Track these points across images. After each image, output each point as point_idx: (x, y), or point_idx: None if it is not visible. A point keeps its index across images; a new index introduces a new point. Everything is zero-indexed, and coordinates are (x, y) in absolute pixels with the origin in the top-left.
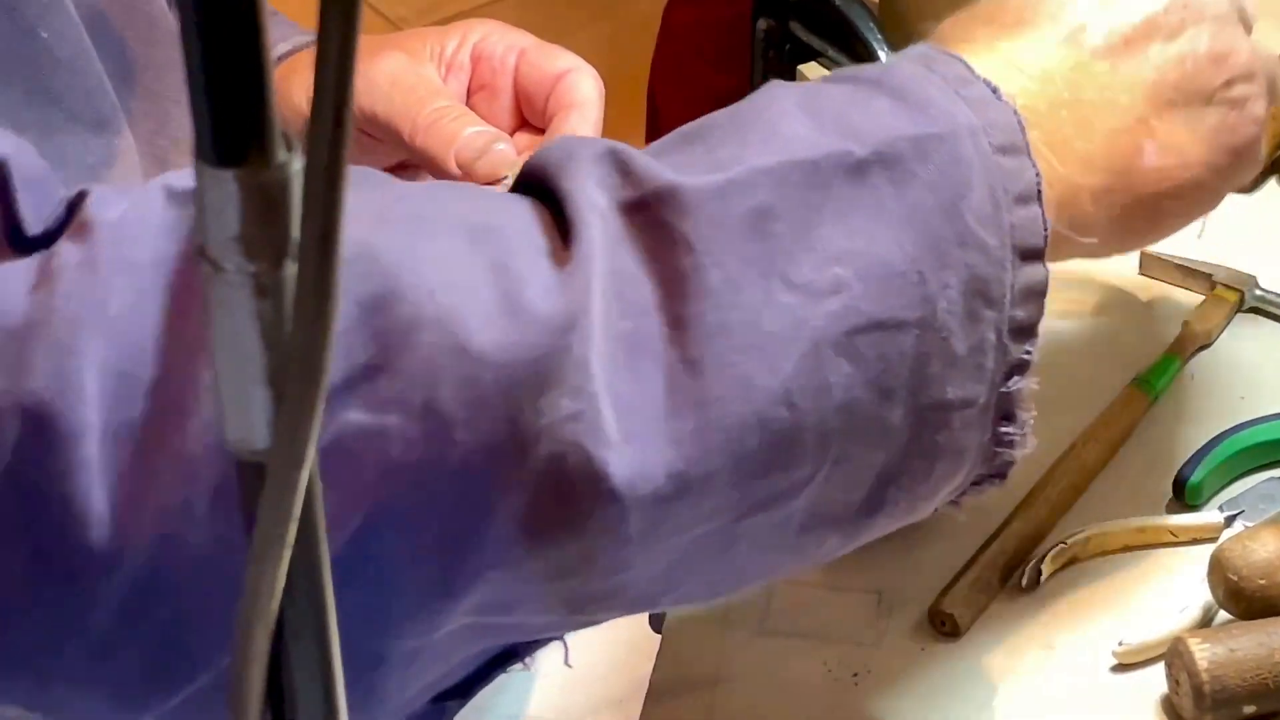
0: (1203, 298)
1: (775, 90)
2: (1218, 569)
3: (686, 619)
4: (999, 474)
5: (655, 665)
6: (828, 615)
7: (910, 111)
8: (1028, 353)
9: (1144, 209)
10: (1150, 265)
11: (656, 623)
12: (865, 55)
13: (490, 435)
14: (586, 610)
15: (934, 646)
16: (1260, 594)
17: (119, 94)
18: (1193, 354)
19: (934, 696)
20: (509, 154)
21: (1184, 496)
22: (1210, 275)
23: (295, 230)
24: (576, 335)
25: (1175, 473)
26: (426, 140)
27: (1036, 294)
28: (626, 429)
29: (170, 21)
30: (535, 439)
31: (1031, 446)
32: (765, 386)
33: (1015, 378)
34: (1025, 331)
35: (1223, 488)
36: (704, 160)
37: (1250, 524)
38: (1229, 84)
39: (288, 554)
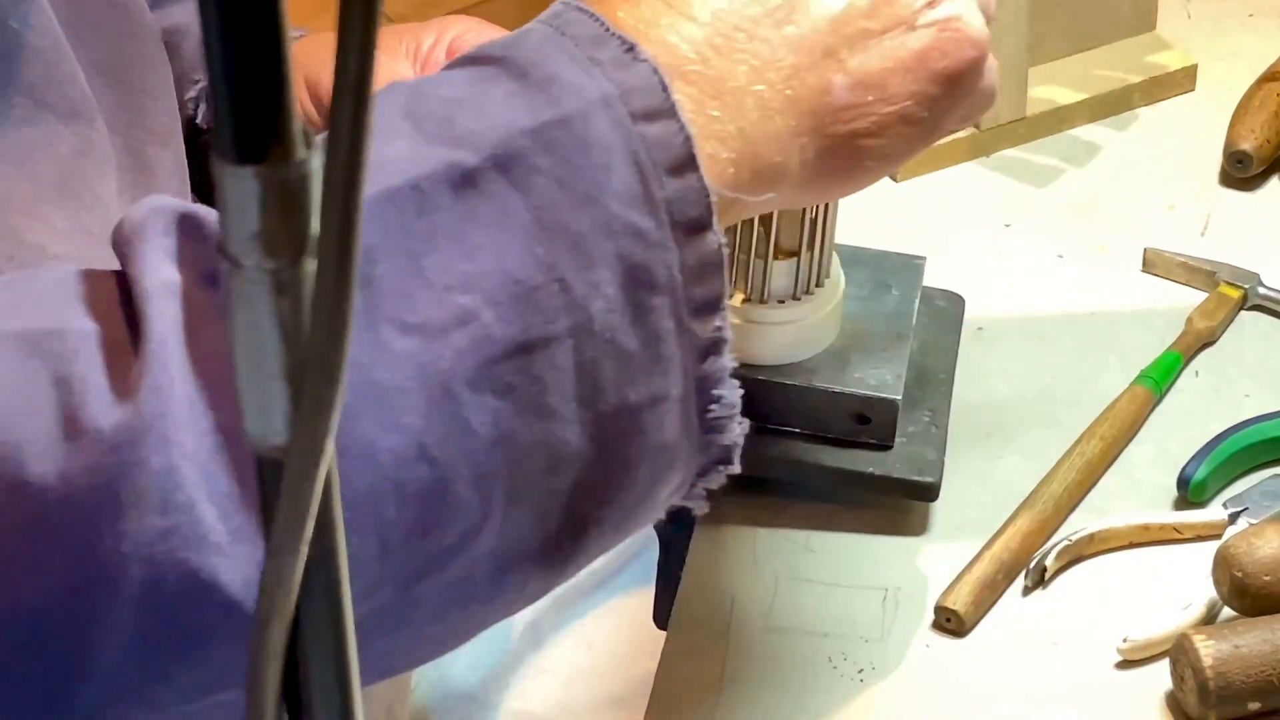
0: (1206, 295)
1: (386, 95)
2: (1222, 566)
3: (691, 616)
4: (723, 460)
5: (660, 662)
6: (833, 611)
7: (531, 94)
8: (718, 329)
9: (841, 149)
10: (1154, 263)
11: (661, 619)
12: None
13: (67, 573)
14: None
15: (939, 643)
16: (1265, 590)
17: (93, 86)
18: (1196, 351)
19: (939, 692)
20: None
21: (1188, 494)
22: (1214, 273)
23: (314, 227)
24: (151, 445)
25: (1179, 470)
26: None
27: (712, 266)
28: (234, 528)
29: (149, 16)
30: (123, 566)
31: (745, 427)
32: (392, 447)
33: (711, 358)
34: (708, 308)
35: (1227, 485)
36: None
37: (1254, 521)
38: (932, 4)
39: (305, 549)
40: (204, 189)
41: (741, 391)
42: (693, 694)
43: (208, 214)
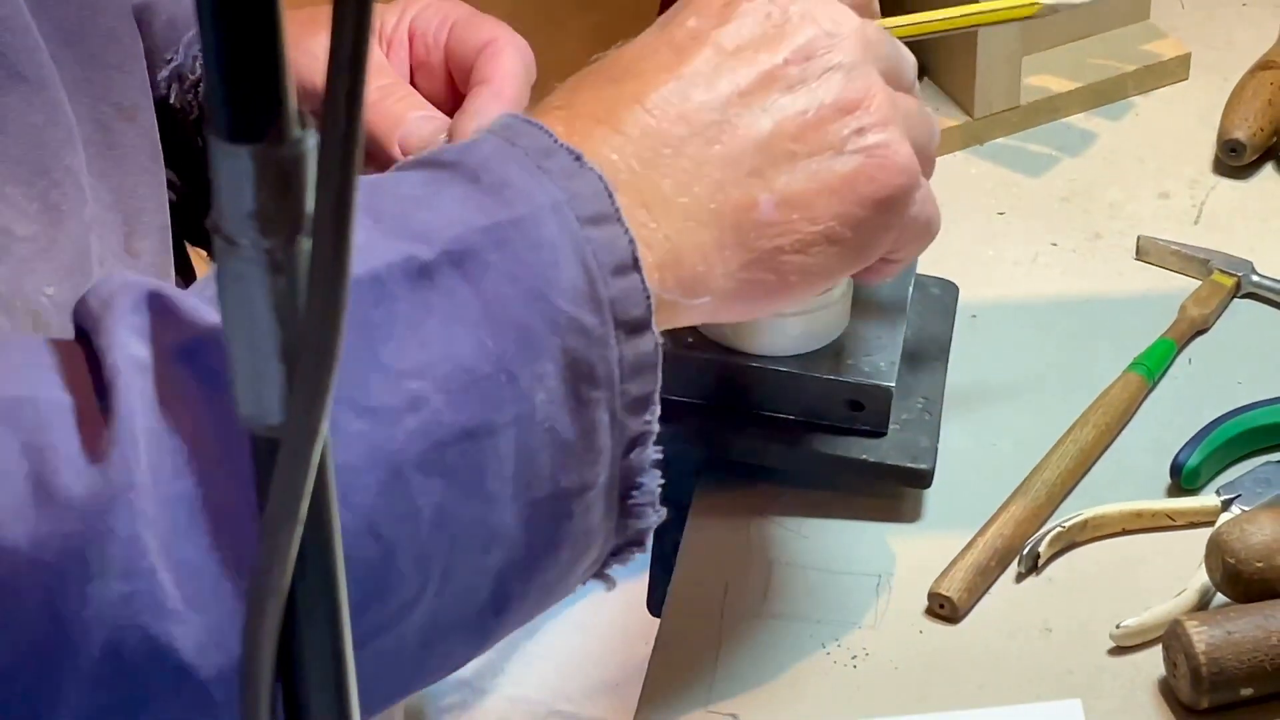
0: (1199, 283)
1: None
2: (1215, 552)
3: (685, 602)
4: (636, 542)
5: (654, 648)
6: (827, 598)
7: (484, 197)
8: (647, 423)
9: (765, 264)
10: (1147, 250)
11: (655, 606)
12: None
13: (33, 634)
14: None
15: (932, 629)
16: (1258, 577)
17: (56, 58)
18: (1190, 339)
19: (933, 678)
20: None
21: (1181, 480)
22: (1207, 260)
23: (310, 206)
24: (119, 514)
25: (1173, 457)
26: (370, 119)
27: (648, 366)
28: (192, 596)
29: None
30: (84, 630)
31: (662, 514)
32: (344, 524)
33: (637, 449)
34: (641, 403)
35: (1220, 471)
36: None
37: (1247, 507)
38: (861, 132)
39: (300, 530)
40: (179, 167)
41: (662, 480)
42: (687, 680)
43: (177, 294)
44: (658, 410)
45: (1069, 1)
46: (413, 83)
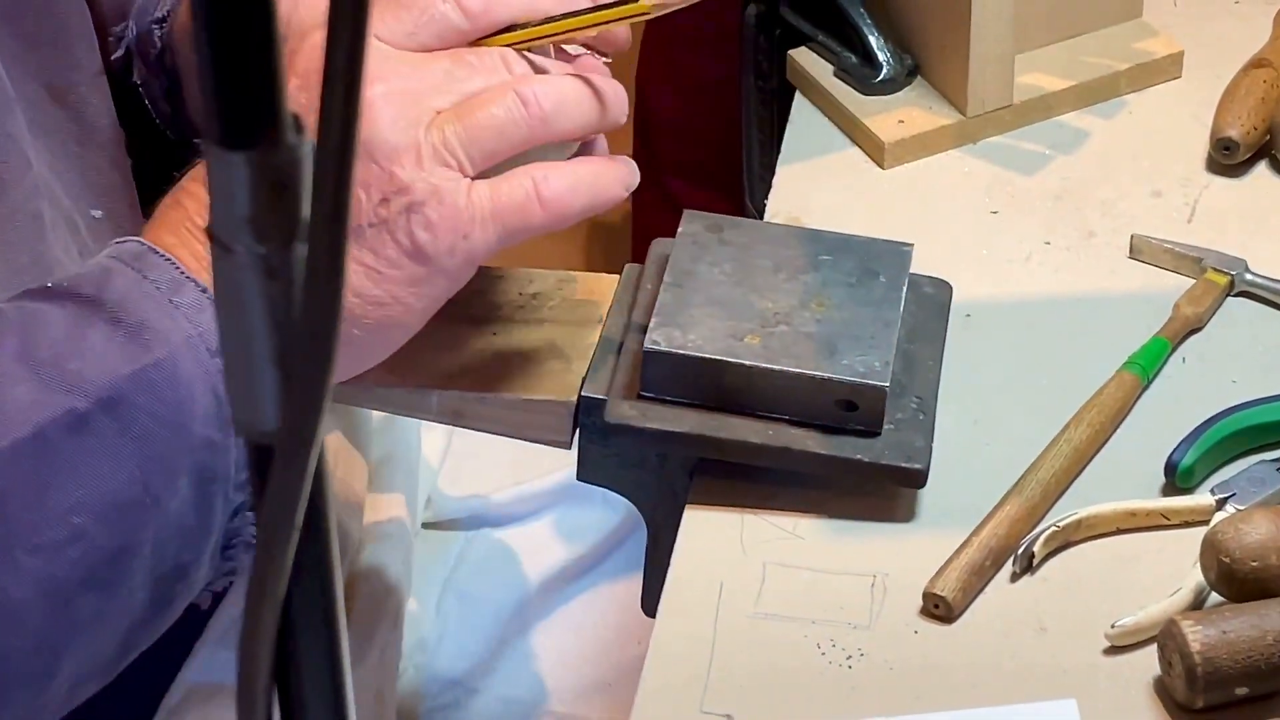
0: (1193, 281)
1: None
2: (1210, 551)
3: (679, 603)
4: (231, 573)
5: (649, 649)
6: (822, 598)
7: (126, 342)
8: (249, 493)
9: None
10: (1141, 249)
11: (649, 607)
12: (856, 39)
13: None
14: None
15: (927, 629)
16: (1252, 576)
17: None
18: (1184, 337)
19: (927, 679)
20: None
21: (1176, 479)
22: (1200, 259)
23: (305, 212)
24: None
25: (1167, 456)
26: None
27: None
28: None
29: None
30: None
31: (251, 553)
32: (20, 647)
33: (239, 514)
34: (247, 481)
35: (1214, 470)
36: None
37: (1242, 507)
38: (384, 203)
39: (296, 535)
40: (137, 139)
41: (249, 534)
42: (681, 681)
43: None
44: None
45: (677, 4)
46: None
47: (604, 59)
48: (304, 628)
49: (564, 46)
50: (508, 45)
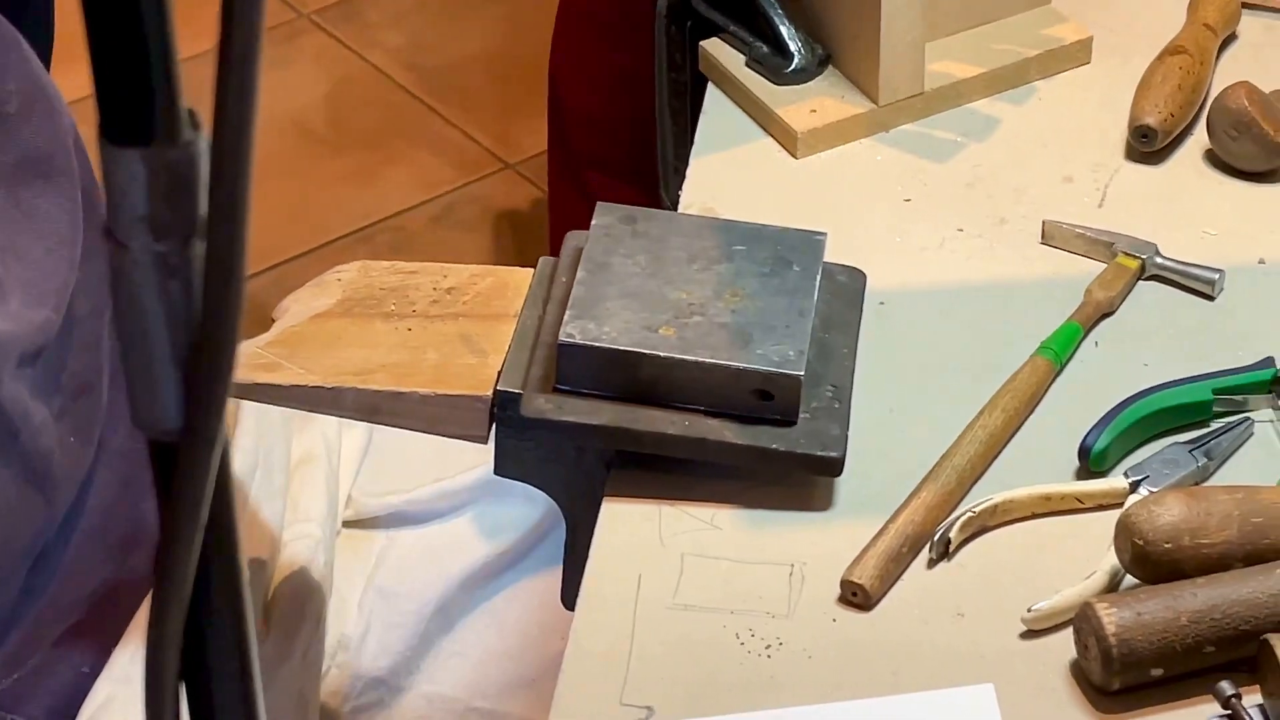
0: (1105, 266)
1: None
2: (1124, 534)
3: (598, 597)
4: None
5: (568, 643)
6: (740, 588)
7: None
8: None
9: None
10: (1052, 235)
11: (569, 600)
12: (767, 29)
13: None
14: None
15: (845, 616)
16: (1166, 558)
17: None
18: (1096, 322)
19: (847, 666)
20: None
21: (1090, 463)
22: (1111, 244)
23: (203, 208)
24: None
25: (1081, 440)
26: None
27: None
28: None
29: None
30: None
31: None
32: None
33: None
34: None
35: (1127, 454)
36: None
37: (1155, 489)
38: None
39: (201, 534)
40: None
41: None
42: (601, 674)
43: None
44: None
45: None
46: None
47: None
48: (213, 626)
49: None
50: None
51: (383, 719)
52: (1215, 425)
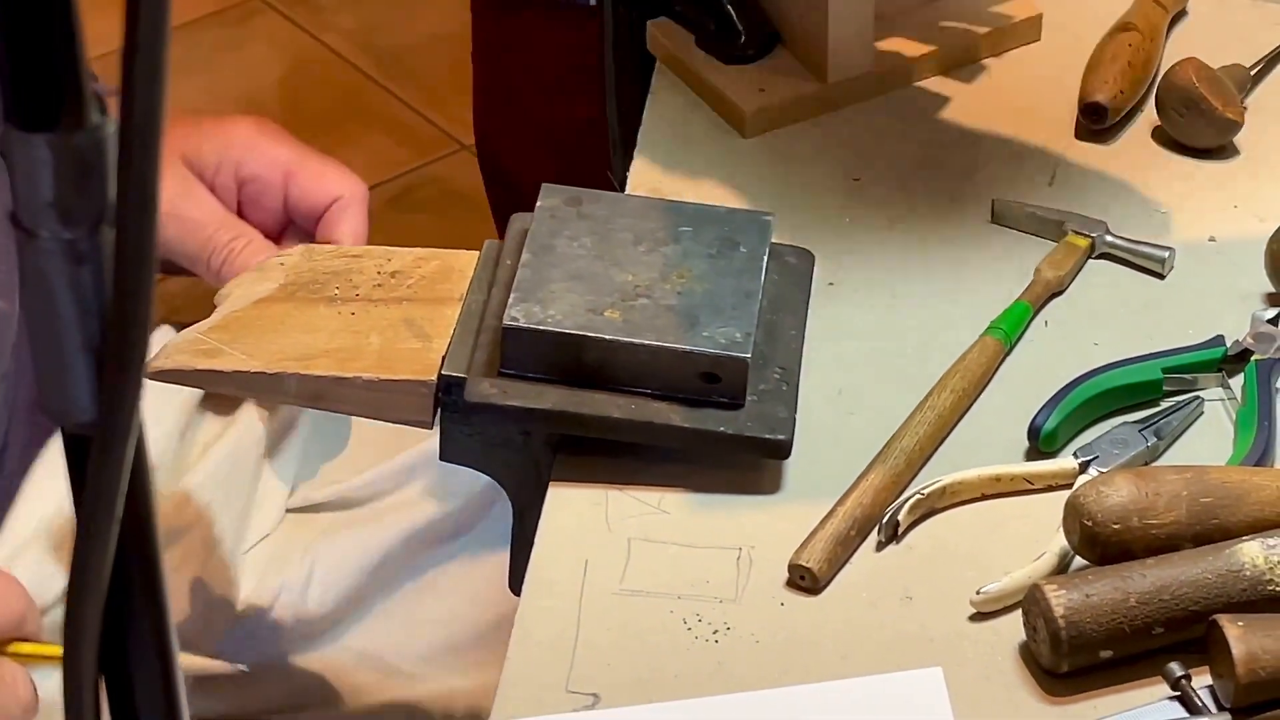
0: (1054, 244)
1: None
2: (1072, 515)
3: (545, 580)
4: None
5: (514, 626)
6: (687, 573)
7: None
8: None
9: None
10: (1002, 213)
11: (515, 584)
12: (715, 8)
13: None
14: None
15: (794, 601)
16: (1115, 539)
17: None
18: (1046, 301)
19: (795, 650)
20: None
21: (1039, 444)
22: (1061, 222)
23: (112, 194)
24: None
25: (1030, 420)
26: (228, 273)
27: None
28: None
29: None
30: None
31: None
32: None
33: None
34: None
35: (1077, 434)
36: None
37: (1104, 469)
38: None
39: (117, 527)
40: None
41: None
42: (546, 660)
43: None
44: None
45: None
46: (240, 214)
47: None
48: (132, 618)
49: None
50: None
51: (316, 662)
52: (1165, 404)
